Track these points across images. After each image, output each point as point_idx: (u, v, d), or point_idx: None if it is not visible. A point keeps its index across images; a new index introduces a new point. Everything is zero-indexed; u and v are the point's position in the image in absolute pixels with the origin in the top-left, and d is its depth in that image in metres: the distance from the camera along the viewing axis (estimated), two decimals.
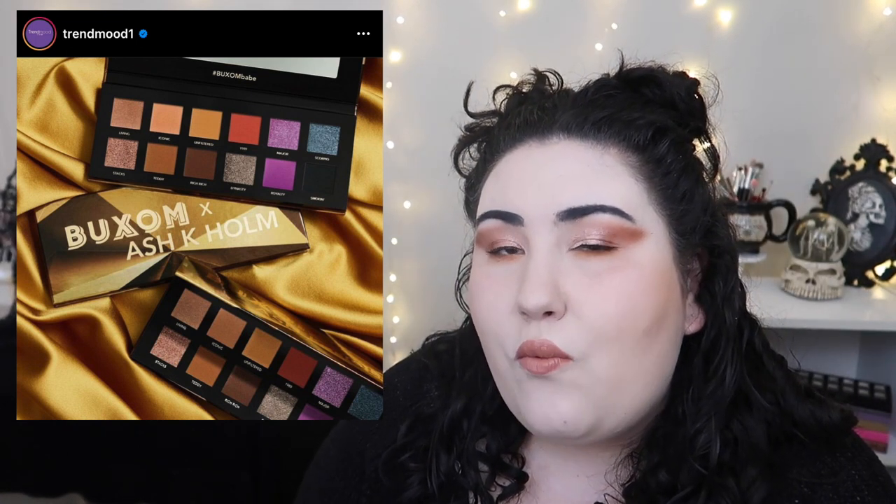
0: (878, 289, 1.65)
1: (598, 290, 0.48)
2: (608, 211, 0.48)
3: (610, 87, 0.54)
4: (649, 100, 0.54)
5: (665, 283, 0.50)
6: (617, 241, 0.49)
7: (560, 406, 0.49)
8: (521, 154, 0.53)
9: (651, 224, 0.50)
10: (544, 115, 0.53)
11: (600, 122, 0.51)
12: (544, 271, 0.48)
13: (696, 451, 0.52)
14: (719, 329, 0.54)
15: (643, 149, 0.51)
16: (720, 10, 1.64)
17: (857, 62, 1.65)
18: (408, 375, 0.67)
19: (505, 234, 0.51)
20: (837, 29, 1.64)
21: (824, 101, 1.67)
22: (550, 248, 0.49)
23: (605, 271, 0.48)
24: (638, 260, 0.49)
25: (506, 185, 0.52)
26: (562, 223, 0.49)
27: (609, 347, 0.48)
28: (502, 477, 0.59)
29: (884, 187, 1.63)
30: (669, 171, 0.52)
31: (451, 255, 1.59)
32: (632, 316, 0.48)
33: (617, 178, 0.50)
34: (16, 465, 1.09)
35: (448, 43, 1.71)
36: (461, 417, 0.60)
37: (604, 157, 0.50)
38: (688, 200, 0.52)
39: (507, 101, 0.59)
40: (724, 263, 0.54)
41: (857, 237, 1.65)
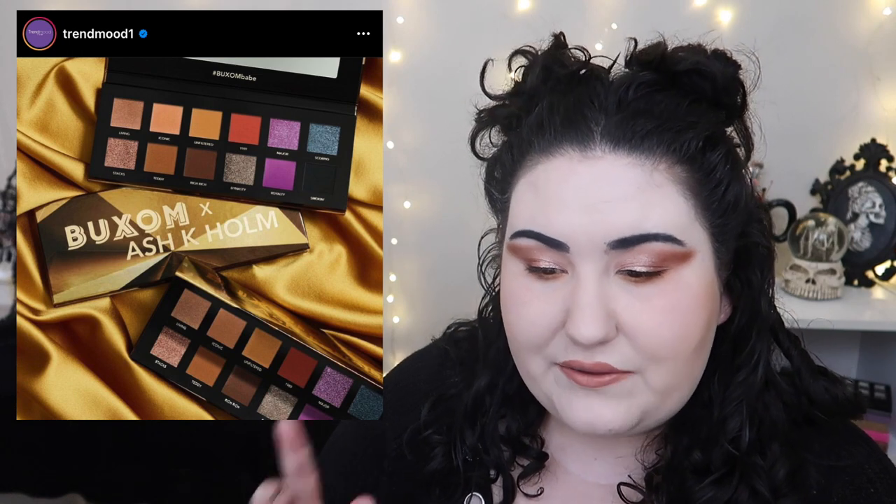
0: (878, 289, 1.65)
1: (651, 315, 0.47)
2: (660, 239, 0.47)
3: (651, 84, 0.50)
4: (694, 97, 0.50)
5: (711, 297, 0.50)
6: (665, 265, 0.47)
7: (606, 415, 0.49)
8: (561, 166, 0.49)
9: (698, 242, 0.48)
10: (582, 116, 0.49)
11: (649, 134, 0.48)
12: (596, 301, 0.47)
13: (727, 435, 0.52)
14: (750, 318, 0.54)
15: (693, 160, 0.49)
16: (720, 10, 1.64)
17: (857, 62, 1.65)
18: (429, 361, 0.68)
19: (546, 255, 0.49)
20: (837, 29, 1.64)
21: (824, 101, 1.67)
22: (599, 274, 0.47)
23: (656, 295, 0.47)
24: (687, 281, 0.48)
25: (547, 204, 0.48)
26: (612, 251, 0.47)
27: (665, 364, 0.48)
28: (522, 457, 0.60)
29: (884, 187, 1.63)
30: (719, 183, 0.49)
31: (452, 255, 1.59)
32: (685, 337, 0.48)
33: (667, 198, 0.47)
34: (16, 465, 1.09)
35: (448, 43, 1.71)
36: (485, 394, 0.60)
37: (653, 175, 0.47)
38: (732, 210, 0.50)
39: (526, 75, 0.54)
40: (759, 254, 0.53)
41: (857, 237, 1.65)
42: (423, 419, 0.62)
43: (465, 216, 1.73)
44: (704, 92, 0.50)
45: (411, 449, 0.62)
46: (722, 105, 0.51)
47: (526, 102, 0.54)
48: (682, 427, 0.55)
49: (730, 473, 0.52)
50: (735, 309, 0.54)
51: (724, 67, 0.50)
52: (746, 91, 0.52)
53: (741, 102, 0.52)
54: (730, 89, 0.51)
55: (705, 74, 0.50)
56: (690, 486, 0.53)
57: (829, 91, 1.67)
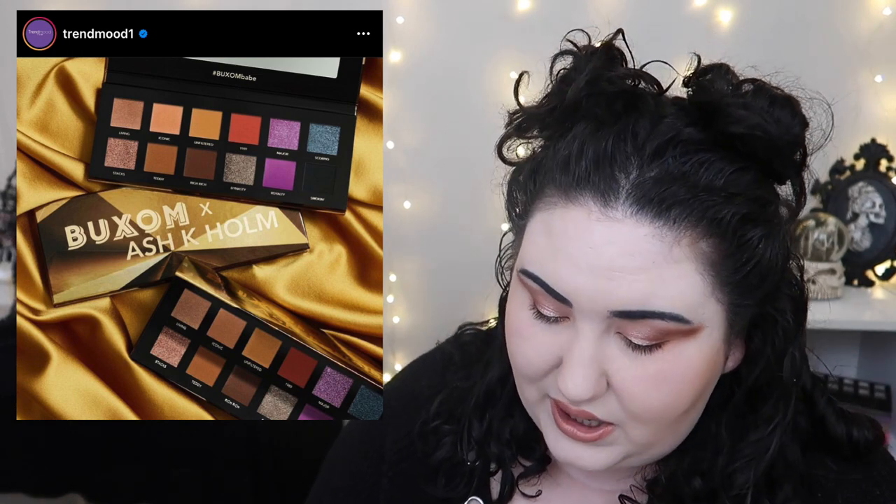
0: (878, 289, 1.65)
1: (642, 380, 0.46)
2: (666, 318, 0.44)
3: (695, 144, 0.45)
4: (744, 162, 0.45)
5: (711, 369, 0.48)
6: (669, 339, 0.46)
7: (587, 459, 0.51)
8: (579, 218, 0.45)
9: (709, 317, 0.46)
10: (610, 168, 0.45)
11: (676, 205, 0.43)
12: (589, 361, 0.46)
13: (732, 490, 0.51)
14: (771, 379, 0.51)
15: (724, 235, 0.45)
16: (720, 10, 1.64)
17: (857, 62, 1.65)
18: (431, 366, 0.68)
19: (549, 303, 0.48)
20: (837, 29, 1.64)
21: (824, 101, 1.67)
22: (598, 335, 0.46)
23: (652, 361, 0.46)
24: (687, 354, 0.46)
25: (556, 256, 0.46)
26: (614, 318, 0.45)
27: (648, 425, 0.49)
28: (525, 458, 0.60)
29: (884, 187, 1.63)
30: (749, 260, 0.45)
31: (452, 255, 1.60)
32: (673, 405, 0.47)
33: (683, 276, 0.44)
34: (16, 465, 1.09)
35: (448, 43, 1.70)
36: (496, 386, 0.61)
37: (673, 250, 0.44)
38: (757, 284, 0.47)
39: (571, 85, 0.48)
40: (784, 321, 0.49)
41: (857, 237, 1.65)
42: (434, 410, 0.63)
43: (465, 216, 1.74)
44: (756, 155, 0.45)
45: (422, 440, 0.63)
46: (773, 170, 0.47)
47: (560, 119, 0.49)
48: (682, 452, 0.54)
49: None
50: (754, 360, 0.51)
51: (789, 125, 0.45)
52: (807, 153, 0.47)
53: (799, 162, 0.48)
54: (787, 154, 0.46)
55: (762, 139, 0.44)
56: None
57: (829, 91, 1.67)
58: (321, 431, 0.84)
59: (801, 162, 0.48)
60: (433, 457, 0.61)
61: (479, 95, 1.66)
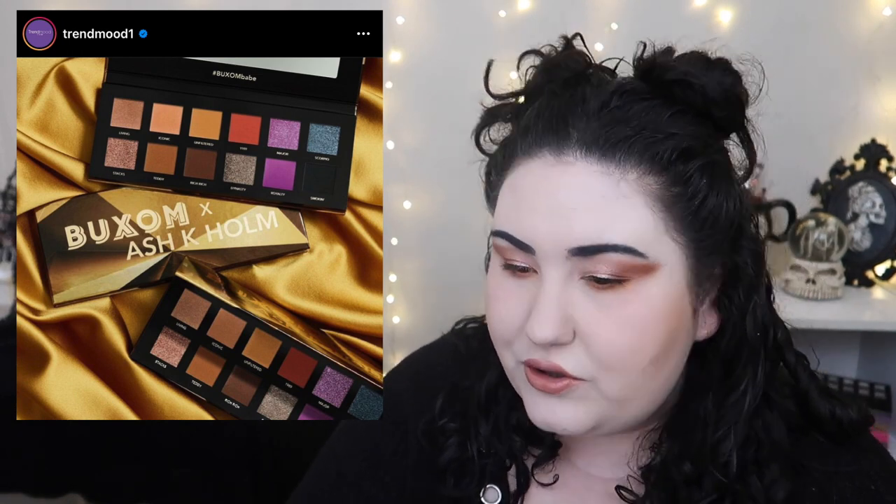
0: (878, 289, 1.65)
1: (607, 323, 0.48)
2: (619, 250, 0.47)
3: (636, 93, 0.50)
4: (680, 107, 0.50)
5: (676, 313, 0.49)
6: (628, 275, 0.47)
7: (560, 414, 0.51)
8: (537, 169, 0.50)
9: (666, 255, 0.48)
10: (563, 120, 0.49)
11: (621, 142, 0.48)
12: (554, 304, 0.48)
13: (718, 459, 0.52)
14: (740, 339, 0.53)
15: (666, 170, 0.48)
16: (720, 10, 1.64)
17: (857, 62, 1.65)
18: (443, 355, 0.68)
19: (516, 256, 0.50)
20: (837, 29, 1.64)
21: (824, 101, 1.67)
22: (562, 278, 0.48)
23: (616, 304, 0.48)
24: (649, 293, 0.48)
25: (519, 206, 0.50)
26: (573, 258, 0.48)
27: (617, 374, 0.49)
28: (535, 447, 0.60)
29: (884, 187, 1.63)
30: (694, 196, 0.49)
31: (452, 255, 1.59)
32: (640, 349, 0.48)
33: (632, 209, 0.47)
34: (16, 465, 1.09)
35: (448, 43, 1.71)
36: (497, 386, 0.61)
37: (620, 185, 0.47)
38: (710, 224, 0.49)
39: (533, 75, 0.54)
40: (745, 274, 0.52)
41: (857, 237, 1.65)
42: (438, 408, 0.63)
43: (465, 216, 1.74)
44: (693, 103, 0.50)
45: (427, 439, 0.63)
46: (711, 117, 0.50)
47: (525, 103, 0.55)
48: (675, 435, 0.55)
49: (721, 499, 0.52)
50: (724, 328, 0.54)
51: (721, 78, 0.49)
52: (746, 103, 0.51)
53: (738, 114, 0.51)
54: (722, 102, 0.50)
55: (694, 86, 0.49)
56: (682, 498, 0.53)
57: (829, 91, 1.67)
58: (321, 431, 0.84)
59: (741, 112, 0.51)
60: (441, 458, 0.62)
61: (480, 95, 1.65)
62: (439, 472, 0.62)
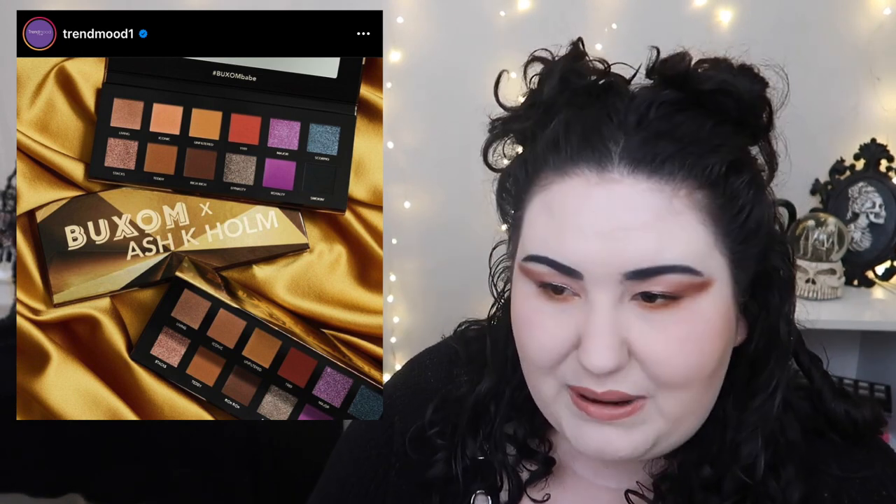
0: (878, 289, 1.65)
1: (665, 343, 0.46)
2: (679, 271, 0.45)
3: (672, 104, 0.48)
4: (718, 118, 0.48)
5: (727, 326, 0.49)
6: (683, 293, 0.46)
7: (618, 444, 0.49)
8: (577, 188, 0.47)
9: (717, 269, 0.47)
10: (599, 135, 0.47)
11: (669, 158, 0.45)
12: (609, 330, 0.46)
13: (740, 461, 0.51)
14: (769, 342, 0.52)
15: (715, 185, 0.47)
16: (720, 10, 1.64)
17: (857, 62, 1.65)
18: (438, 359, 0.68)
19: (557, 280, 0.47)
20: (837, 29, 1.64)
21: (824, 101, 1.67)
22: (614, 302, 0.46)
23: (672, 322, 0.46)
24: (704, 310, 0.47)
25: (561, 229, 0.47)
26: (627, 281, 0.45)
27: (677, 392, 0.48)
28: (529, 461, 0.59)
29: (884, 187, 1.63)
30: (742, 209, 0.48)
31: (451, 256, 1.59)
32: (699, 365, 0.47)
33: (686, 227, 0.45)
34: (16, 465, 1.09)
35: (448, 43, 1.70)
36: (488, 401, 0.59)
37: (673, 202, 0.45)
38: (753, 235, 0.49)
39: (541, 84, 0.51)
40: (779, 279, 0.51)
41: (857, 237, 1.65)
42: (428, 418, 0.62)
43: (465, 216, 1.74)
44: (729, 112, 0.48)
45: (414, 448, 0.62)
46: (747, 125, 0.50)
47: (542, 116, 0.51)
48: (692, 440, 0.54)
49: (742, 501, 0.51)
50: (752, 332, 0.53)
51: (751, 85, 0.48)
52: (773, 109, 0.50)
53: (767, 121, 0.51)
54: (756, 108, 0.49)
55: (731, 94, 0.48)
56: (699, 501, 0.52)
57: (829, 91, 1.67)
58: (321, 431, 0.84)
59: (769, 120, 0.51)
60: (427, 474, 0.60)
61: (479, 95, 1.65)
62: (424, 486, 0.61)
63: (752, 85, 0.48)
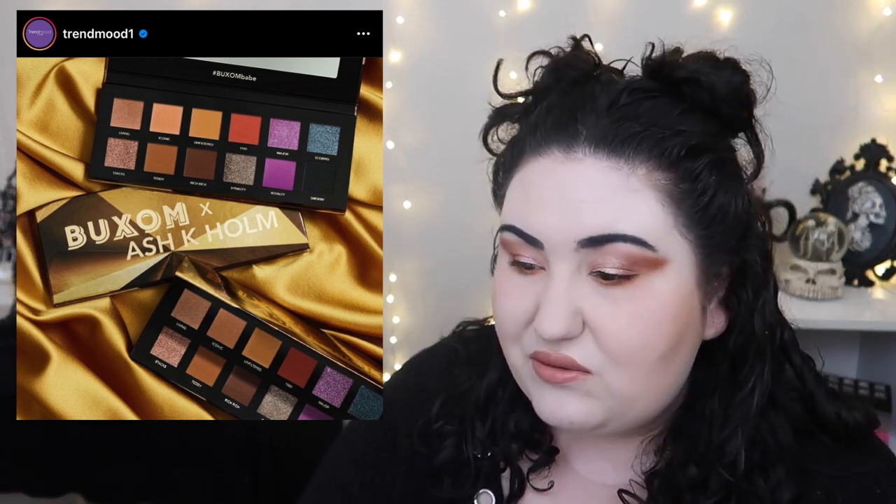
0: (878, 289, 1.65)
1: (617, 318, 0.48)
2: (629, 241, 0.47)
3: (645, 91, 0.50)
4: (689, 105, 0.50)
5: (684, 310, 0.50)
6: (637, 269, 0.48)
7: (568, 408, 0.51)
8: (546, 165, 0.50)
9: (675, 251, 0.48)
10: (572, 119, 0.50)
11: (631, 138, 0.48)
12: (563, 299, 0.48)
13: (724, 458, 0.52)
14: (747, 337, 0.53)
15: (675, 165, 0.48)
16: (720, 10, 1.64)
17: (857, 62, 1.65)
18: (438, 359, 0.68)
19: (525, 251, 0.51)
20: (837, 29, 1.64)
21: (824, 101, 1.67)
22: (571, 273, 0.49)
23: (624, 298, 0.48)
24: (657, 289, 0.48)
25: (527, 201, 0.50)
26: (582, 249, 0.48)
27: (625, 368, 0.49)
28: (532, 452, 0.60)
29: (884, 187, 1.63)
30: (703, 192, 0.49)
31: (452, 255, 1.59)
32: (648, 344, 0.48)
33: (642, 203, 0.48)
34: (16, 465, 1.09)
35: (448, 43, 1.70)
36: (497, 387, 0.61)
37: (630, 180, 0.48)
38: (719, 222, 0.50)
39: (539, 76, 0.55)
40: (753, 272, 0.52)
41: (857, 237, 1.65)
42: (436, 411, 0.63)
43: (465, 216, 1.74)
44: (701, 102, 0.50)
45: (423, 442, 0.63)
46: (721, 115, 0.51)
47: (533, 102, 0.55)
48: (680, 437, 0.55)
49: (727, 498, 0.52)
50: (732, 326, 0.54)
51: (730, 77, 0.50)
52: (753, 103, 0.52)
53: (746, 115, 0.52)
54: (731, 101, 0.50)
55: (703, 84, 0.50)
56: (687, 501, 0.53)
57: (829, 91, 1.67)
58: (321, 431, 0.84)
59: (749, 111, 0.52)
60: (436, 459, 0.61)
61: (479, 95, 1.65)
62: (434, 473, 0.61)
63: (731, 76, 0.50)
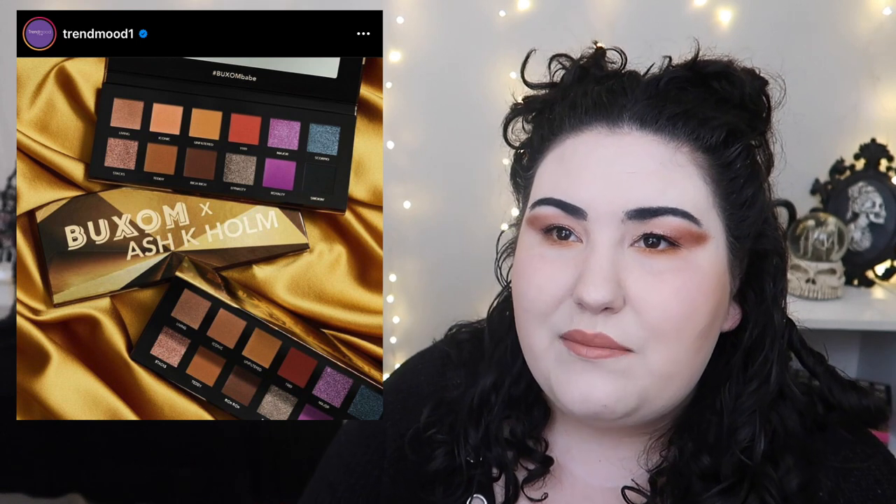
0: (878, 289, 1.65)
1: (661, 289, 0.48)
2: (678, 214, 0.48)
3: (682, 79, 0.52)
4: (721, 98, 0.53)
5: (721, 287, 0.51)
6: (682, 242, 0.49)
7: (602, 389, 0.49)
8: (589, 140, 0.51)
9: (714, 228, 0.50)
10: (614, 100, 0.51)
11: (675, 117, 0.50)
12: (608, 266, 0.48)
13: (738, 445, 0.52)
14: (764, 329, 0.54)
15: (714, 150, 0.50)
16: (720, 10, 1.64)
17: (857, 62, 1.65)
18: (430, 363, 0.68)
19: (563, 222, 0.50)
20: (837, 29, 1.64)
21: (824, 101, 1.67)
22: (614, 243, 0.49)
23: (669, 271, 0.48)
24: (700, 263, 0.49)
25: (571, 173, 0.51)
26: (629, 221, 0.48)
27: (667, 344, 0.49)
28: (527, 461, 0.59)
29: (884, 187, 1.63)
30: (736, 176, 0.51)
31: (452, 255, 1.60)
32: (691, 317, 0.49)
33: (688, 178, 0.49)
34: (16, 465, 1.09)
35: (448, 43, 1.71)
36: (490, 393, 0.60)
37: (676, 155, 0.49)
38: (748, 206, 0.52)
39: (564, 73, 0.56)
40: (773, 264, 0.54)
41: (857, 237, 1.65)
42: (425, 420, 0.62)
43: (465, 216, 1.74)
44: (732, 96, 0.52)
45: (413, 449, 0.62)
46: (747, 111, 0.53)
47: (562, 93, 0.55)
48: (689, 431, 0.55)
49: (739, 483, 0.52)
50: (747, 319, 0.55)
51: (753, 80, 0.53)
52: (772, 108, 0.54)
53: (766, 116, 0.54)
54: (757, 99, 0.53)
55: (734, 80, 0.52)
56: (697, 491, 0.52)
57: (829, 91, 1.67)
58: (321, 431, 0.84)
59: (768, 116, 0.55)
60: (428, 467, 0.61)
61: (479, 95, 1.66)
62: (426, 481, 0.61)
63: (753, 80, 0.53)
